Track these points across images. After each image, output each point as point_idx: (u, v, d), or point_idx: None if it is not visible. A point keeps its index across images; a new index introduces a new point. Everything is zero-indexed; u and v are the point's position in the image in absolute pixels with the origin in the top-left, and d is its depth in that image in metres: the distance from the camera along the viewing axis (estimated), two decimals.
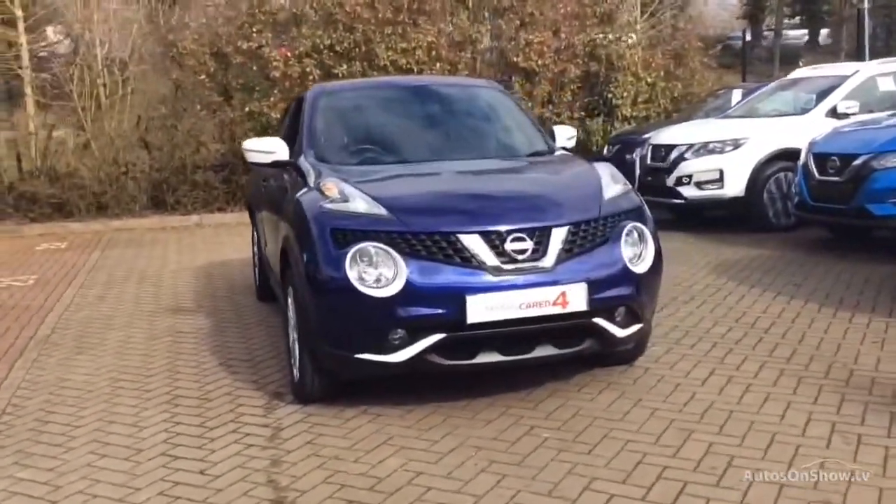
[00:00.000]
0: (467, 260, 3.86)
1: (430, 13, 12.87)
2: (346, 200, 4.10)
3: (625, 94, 13.72)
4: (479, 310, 3.79)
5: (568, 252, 3.98)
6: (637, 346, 4.58)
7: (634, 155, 10.41)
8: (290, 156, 5.00)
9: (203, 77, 12.30)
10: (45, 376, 5.05)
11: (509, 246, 3.89)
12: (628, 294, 4.09)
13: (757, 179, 9.05)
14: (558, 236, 3.97)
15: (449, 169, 4.77)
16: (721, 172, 9.14)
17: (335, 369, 4.12)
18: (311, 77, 12.13)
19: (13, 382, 4.94)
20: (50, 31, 13.96)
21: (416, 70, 12.62)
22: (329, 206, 4.10)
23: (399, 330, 3.83)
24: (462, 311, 3.77)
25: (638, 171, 10.13)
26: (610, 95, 13.73)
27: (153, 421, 4.22)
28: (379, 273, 3.83)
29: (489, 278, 3.83)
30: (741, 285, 6.60)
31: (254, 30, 12.45)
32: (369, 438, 3.85)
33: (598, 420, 3.96)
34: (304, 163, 4.84)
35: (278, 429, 4.03)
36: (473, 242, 3.87)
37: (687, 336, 5.27)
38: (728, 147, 9.22)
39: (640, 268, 4.15)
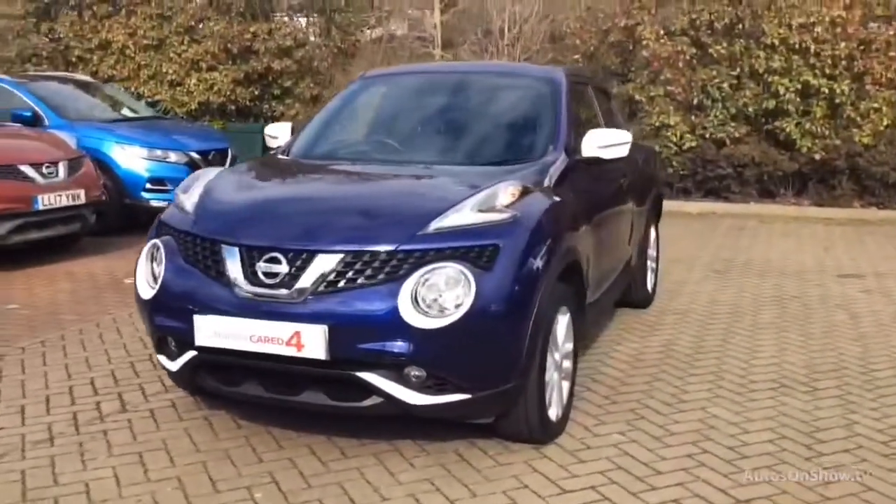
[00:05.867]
0: (221, 275, 3.33)
1: None
2: (187, 193, 3.84)
3: None
4: (207, 333, 3.27)
5: (331, 285, 3.15)
6: (522, 420, 3.42)
7: None
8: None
9: (577, 57, 11.92)
10: (97, 330, 5.35)
11: (261, 266, 3.24)
12: (401, 351, 3.06)
13: None
14: (323, 264, 3.17)
15: (361, 171, 4.21)
16: None
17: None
18: (683, 56, 10.96)
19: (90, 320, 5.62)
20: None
21: (812, 50, 10.51)
22: (178, 195, 3.89)
23: (169, 338, 3.51)
24: (191, 330, 3.30)
25: None
26: None
27: (55, 377, 4.39)
28: (156, 273, 3.57)
29: (227, 300, 3.26)
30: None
31: (635, 5, 11.65)
32: (150, 452, 3.53)
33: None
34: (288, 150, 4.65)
35: (119, 418, 3.92)
36: (231, 256, 3.32)
37: (700, 433, 3.71)
38: None
39: (437, 321, 3.04)
